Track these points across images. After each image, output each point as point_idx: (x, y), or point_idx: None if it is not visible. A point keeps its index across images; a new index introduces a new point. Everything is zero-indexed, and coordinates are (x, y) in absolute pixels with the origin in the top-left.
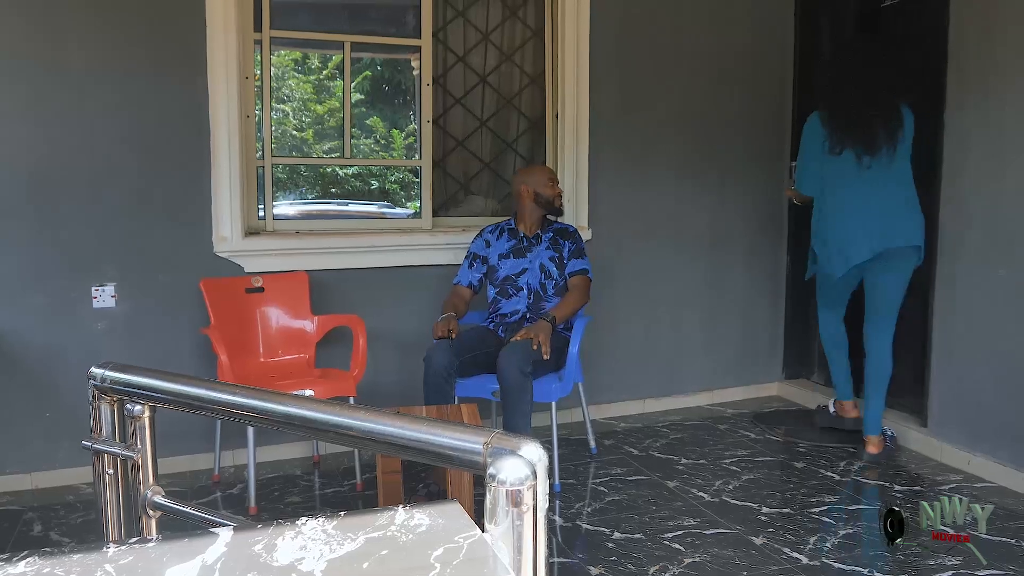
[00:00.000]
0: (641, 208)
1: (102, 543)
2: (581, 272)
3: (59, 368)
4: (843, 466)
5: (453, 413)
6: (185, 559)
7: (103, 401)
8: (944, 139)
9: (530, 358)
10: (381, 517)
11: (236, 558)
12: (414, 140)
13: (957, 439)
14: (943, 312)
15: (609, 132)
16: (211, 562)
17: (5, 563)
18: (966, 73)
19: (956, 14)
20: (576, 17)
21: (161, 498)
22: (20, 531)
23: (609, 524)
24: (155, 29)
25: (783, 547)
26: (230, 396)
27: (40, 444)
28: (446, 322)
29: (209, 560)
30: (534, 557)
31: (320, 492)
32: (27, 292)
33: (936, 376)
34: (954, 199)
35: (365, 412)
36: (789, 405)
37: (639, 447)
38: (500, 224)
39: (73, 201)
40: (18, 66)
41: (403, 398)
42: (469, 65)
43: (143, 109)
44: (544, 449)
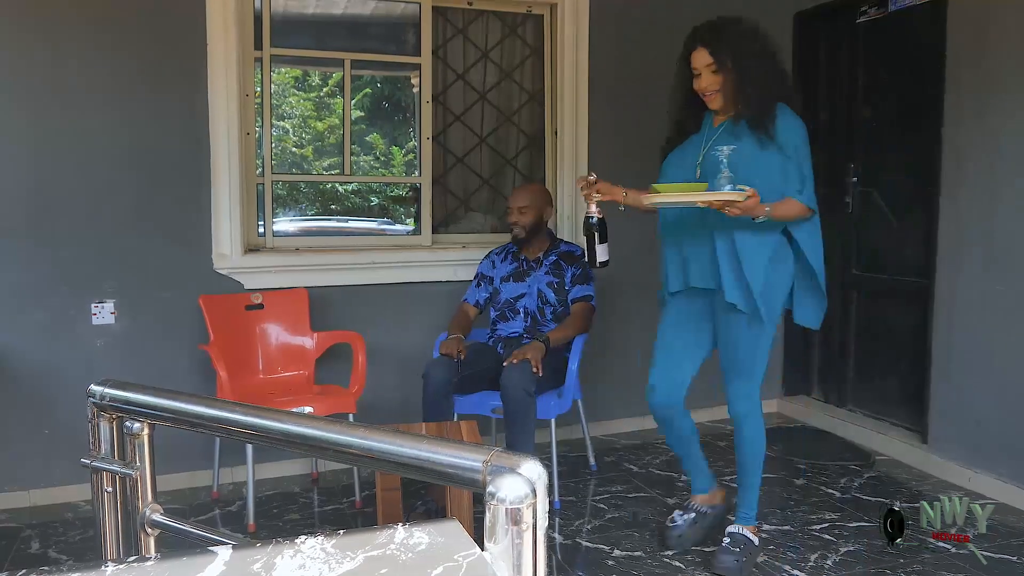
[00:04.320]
0: (640, 224)
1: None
2: (584, 299)
3: (58, 385)
4: (844, 483)
5: (453, 430)
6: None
7: (102, 418)
8: (942, 155)
9: (534, 377)
10: (380, 535)
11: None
12: (414, 157)
13: (957, 455)
14: (942, 327)
15: (608, 148)
16: None
17: None
18: (962, 89)
19: (952, 30)
20: (575, 35)
21: (160, 516)
22: (18, 548)
23: (609, 542)
24: (155, 48)
25: (784, 564)
26: (229, 414)
27: (38, 461)
28: (455, 343)
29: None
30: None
31: (319, 509)
32: (26, 309)
33: (935, 392)
34: (952, 215)
35: (364, 430)
36: (789, 422)
37: (639, 464)
38: (507, 246)
39: (73, 218)
40: (18, 84)
41: (403, 414)
42: (468, 82)
43: (143, 127)
44: (544, 466)
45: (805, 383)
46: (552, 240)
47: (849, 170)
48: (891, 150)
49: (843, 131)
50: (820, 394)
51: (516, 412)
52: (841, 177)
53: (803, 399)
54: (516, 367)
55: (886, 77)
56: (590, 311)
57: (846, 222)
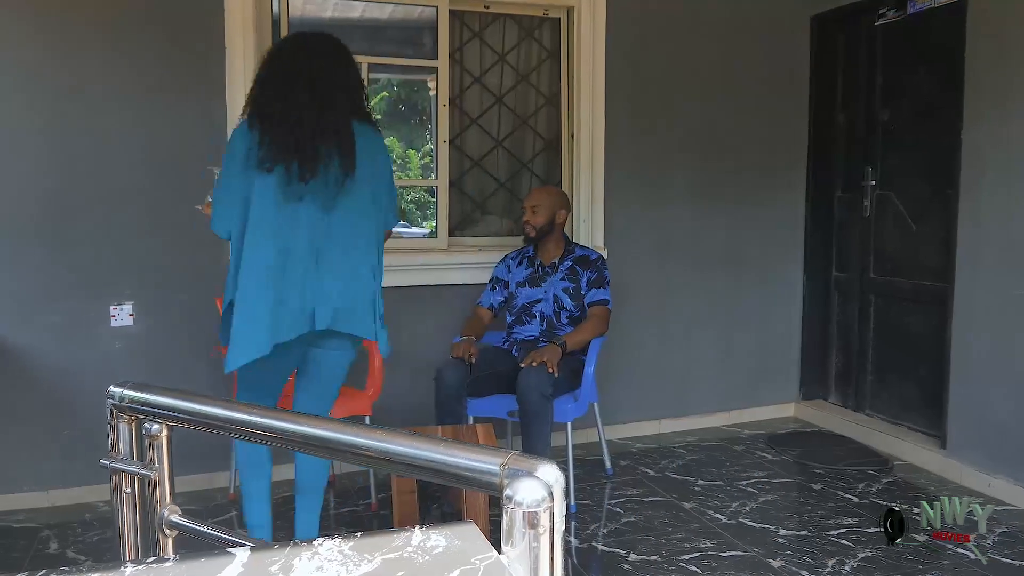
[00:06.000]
0: (657, 228)
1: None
2: (601, 303)
3: (76, 386)
4: (862, 488)
5: (468, 433)
6: None
7: (121, 420)
8: (961, 157)
9: (551, 380)
10: (397, 538)
11: None
12: (430, 160)
13: (977, 461)
14: (960, 331)
15: (625, 152)
16: None
17: None
18: (982, 91)
19: (972, 32)
20: (592, 38)
21: (178, 517)
22: (37, 548)
23: (625, 546)
24: (174, 51)
25: (801, 570)
26: (247, 416)
27: (57, 462)
28: (466, 346)
29: None
30: None
31: (335, 511)
32: (45, 311)
33: (954, 396)
34: (970, 218)
35: (382, 432)
36: (806, 426)
37: (655, 468)
38: (523, 250)
39: (91, 220)
40: (37, 87)
41: (417, 418)
42: (485, 86)
43: (162, 129)
44: (560, 470)
45: (822, 387)
46: (568, 244)
47: (867, 173)
48: (909, 153)
49: (861, 134)
50: (837, 398)
51: (532, 415)
52: (859, 180)
53: (820, 403)
54: (533, 370)
55: (904, 79)
56: (606, 314)
57: (864, 225)
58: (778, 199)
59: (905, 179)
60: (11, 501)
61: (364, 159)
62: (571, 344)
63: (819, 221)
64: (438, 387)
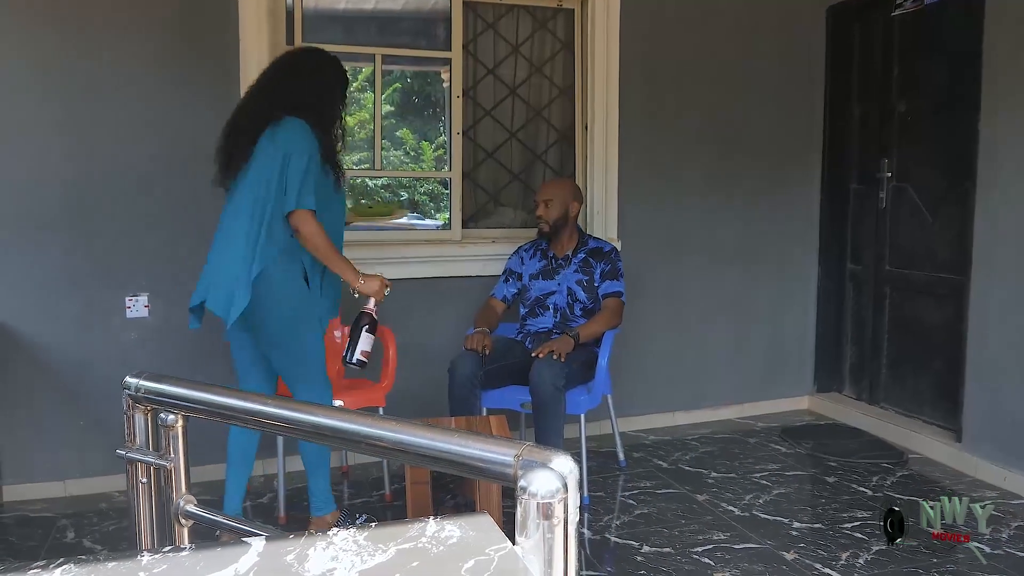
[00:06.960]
0: (671, 220)
1: (136, 551)
2: (614, 295)
3: (92, 377)
4: (876, 481)
5: (482, 425)
6: (219, 568)
7: (137, 410)
8: (978, 150)
9: (563, 372)
10: (412, 528)
11: (269, 568)
12: (444, 152)
13: (992, 455)
14: (976, 324)
15: (639, 144)
16: (244, 571)
17: (42, 570)
18: (999, 83)
19: (989, 24)
20: (606, 29)
21: (193, 507)
22: (54, 538)
23: (638, 538)
24: (189, 43)
25: (815, 563)
26: (261, 406)
27: (74, 452)
28: (480, 337)
29: (242, 569)
30: (565, 571)
31: (349, 502)
32: (61, 302)
33: (969, 390)
34: (987, 211)
35: (396, 423)
36: (820, 419)
37: (668, 460)
38: (536, 242)
39: (107, 212)
40: (53, 81)
41: (431, 409)
42: (499, 77)
43: (176, 122)
44: (575, 462)
45: (837, 380)
46: (581, 236)
47: (883, 165)
48: (926, 145)
49: (877, 126)
50: (852, 391)
51: (545, 407)
52: (874, 172)
53: (835, 396)
54: (546, 362)
55: (921, 71)
56: (620, 307)
57: (879, 218)
58: (793, 191)
59: (921, 171)
60: (28, 490)
61: (263, 152)
62: (584, 336)
63: (834, 213)
64: (451, 379)
